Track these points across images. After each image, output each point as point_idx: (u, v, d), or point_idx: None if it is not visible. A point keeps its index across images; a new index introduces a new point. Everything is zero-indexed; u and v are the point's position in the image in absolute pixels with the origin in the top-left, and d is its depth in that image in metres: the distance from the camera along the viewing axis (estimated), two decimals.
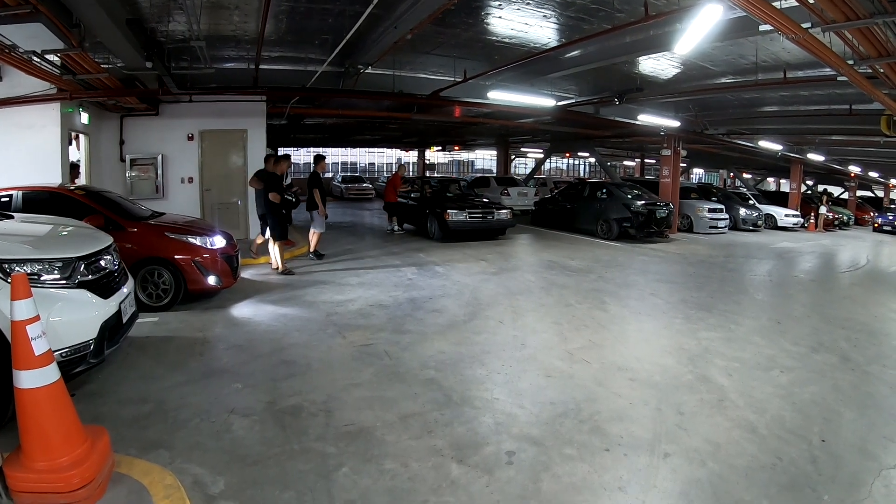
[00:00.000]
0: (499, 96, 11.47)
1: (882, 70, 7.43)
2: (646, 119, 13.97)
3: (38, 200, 6.31)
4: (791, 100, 13.68)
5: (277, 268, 8.72)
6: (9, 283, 3.32)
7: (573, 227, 15.92)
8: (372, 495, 2.85)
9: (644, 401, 4.15)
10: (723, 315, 6.95)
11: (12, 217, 4.81)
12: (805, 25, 6.14)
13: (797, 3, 5.72)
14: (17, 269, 3.52)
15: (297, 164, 35.27)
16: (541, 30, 8.83)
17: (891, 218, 24.92)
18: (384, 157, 50.18)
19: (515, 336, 5.67)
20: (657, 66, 11.34)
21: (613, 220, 14.45)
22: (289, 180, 10.51)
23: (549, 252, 11.90)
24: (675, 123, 14.63)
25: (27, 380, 2.61)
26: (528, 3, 7.61)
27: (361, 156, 49.36)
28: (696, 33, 6.62)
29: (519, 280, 8.58)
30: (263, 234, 9.30)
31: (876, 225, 24.77)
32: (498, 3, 7.64)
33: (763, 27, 6.33)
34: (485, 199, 14.80)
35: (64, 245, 4.11)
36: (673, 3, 7.04)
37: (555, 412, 3.89)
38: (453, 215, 12.54)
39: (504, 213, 13.65)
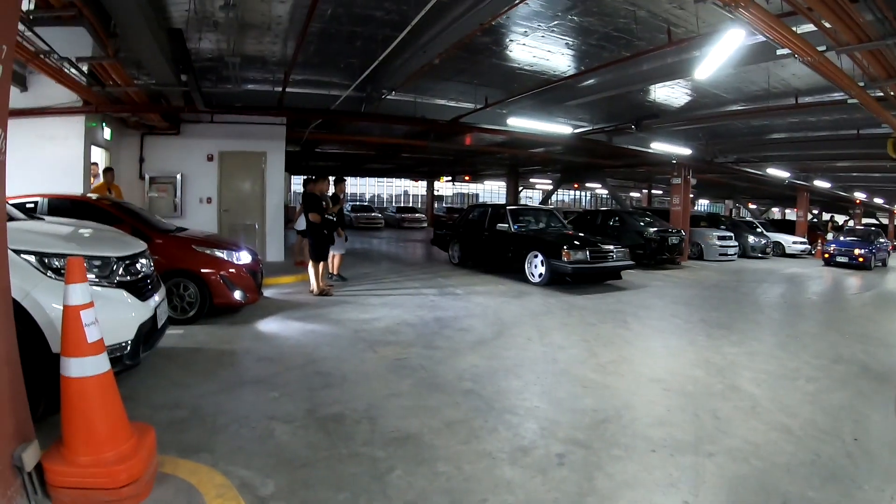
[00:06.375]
0: (518, 123, 11.61)
1: (892, 92, 7.67)
2: (659, 147, 14.15)
3: (63, 208, 6.22)
4: (799, 126, 13.94)
5: (313, 290, 8.56)
6: (49, 276, 3.33)
7: None
8: (430, 495, 2.84)
9: (681, 408, 4.23)
10: (743, 332, 7.07)
11: (42, 219, 4.67)
12: (820, 48, 6.37)
13: (814, 28, 5.94)
14: (56, 263, 3.40)
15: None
16: (561, 57, 9.00)
17: (843, 246, 17.97)
18: (392, 188, 50.71)
19: (545, 352, 5.70)
20: (671, 93, 11.56)
21: (626, 247, 14.44)
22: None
23: None
24: (687, 151, 14.81)
25: (76, 368, 2.48)
26: (553, 31, 7.79)
27: (370, 186, 49.98)
28: (716, 59, 6.78)
29: (538, 302, 8.61)
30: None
31: (826, 255, 18.12)
32: (524, 30, 7.80)
33: (780, 51, 6.56)
34: None
35: (102, 245, 4.05)
36: (692, 30, 7.22)
37: (596, 418, 3.93)
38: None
39: None
